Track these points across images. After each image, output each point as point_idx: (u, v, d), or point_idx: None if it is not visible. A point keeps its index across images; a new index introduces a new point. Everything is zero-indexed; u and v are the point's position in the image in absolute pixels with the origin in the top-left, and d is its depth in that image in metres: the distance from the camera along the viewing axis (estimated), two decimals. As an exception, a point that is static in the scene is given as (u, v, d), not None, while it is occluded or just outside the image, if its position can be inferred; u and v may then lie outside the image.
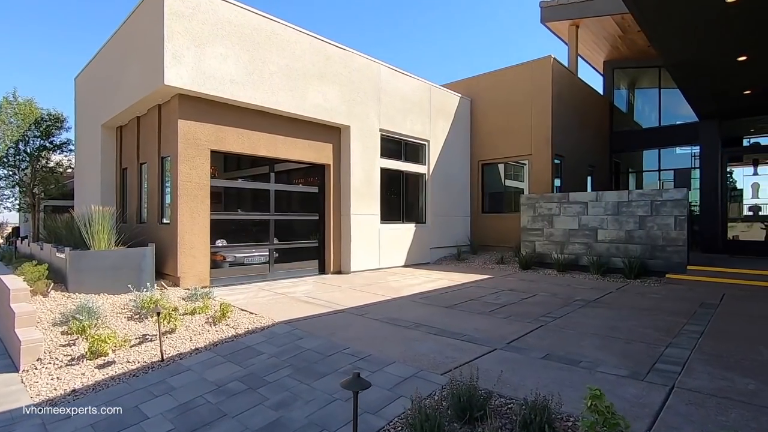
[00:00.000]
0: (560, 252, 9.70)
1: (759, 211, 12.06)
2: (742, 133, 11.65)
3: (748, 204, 12.11)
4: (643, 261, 8.45)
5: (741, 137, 11.68)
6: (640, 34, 12.49)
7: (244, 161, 8.30)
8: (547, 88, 11.33)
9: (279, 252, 8.49)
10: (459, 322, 5.11)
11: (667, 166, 15.58)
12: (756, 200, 12.04)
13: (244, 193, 8.29)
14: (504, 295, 6.77)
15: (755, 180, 12.15)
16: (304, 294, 6.88)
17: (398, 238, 10.43)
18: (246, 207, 8.41)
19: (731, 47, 6.19)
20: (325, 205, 9.30)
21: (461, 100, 12.53)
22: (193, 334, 4.76)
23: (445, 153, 11.93)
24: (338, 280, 8.33)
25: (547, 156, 11.37)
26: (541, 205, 10.07)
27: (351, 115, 9.24)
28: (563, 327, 4.86)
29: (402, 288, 7.49)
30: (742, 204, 12.01)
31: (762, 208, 12.05)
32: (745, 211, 12.07)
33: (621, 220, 8.90)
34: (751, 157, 11.64)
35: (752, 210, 12.08)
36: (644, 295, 6.80)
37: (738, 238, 11.16)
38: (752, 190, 12.25)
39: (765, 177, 12.29)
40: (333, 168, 9.28)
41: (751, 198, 12.12)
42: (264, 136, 7.98)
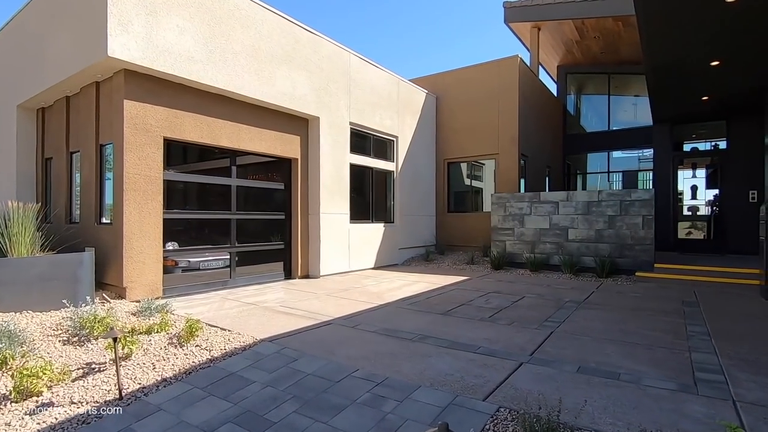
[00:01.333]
0: (531, 251, 9.67)
1: (697, 211, 13.04)
2: (684, 138, 12.44)
3: (688, 205, 13.04)
4: (613, 260, 8.60)
5: (683, 142, 12.48)
6: (596, 41, 12.96)
7: (201, 153, 7.26)
8: (514, 88, 11.33)
9: (240, 255, 7.56)
10: (464, 331, 4.66)
11: (612, 169, 16.44)
12: (694, 201, 13.00)
13: (201, 189, 7.26)
14: (492, 299, 6.45)
15: (694, 182, 13.12)
16: (277, 303, 6.08)
17: (368, 239, 9.85)
18: (203, 204, 7.38)
19: (709, 51, 6.34)
20: (292, 204, 8.48)
21: (427, 96, 12.21)
22: (155, 359, 3.86)
23: (413, 150, 11.53)
24: (310, 286, 7.58)
25: (514, 156, 11.36)
26: (512, 204, 9.99)
27: (321, 105, 8.51)
28: (574, 333, 4.58)
29: (383, 293, 6.93)
30: (683, 205, 12.88)
31: (699, 209, 13.05)
32: (685, 211, 12.97)
33: (591, 220, 9.02)
34: (691, 160, 12.47)
35: (691, 210, 13.02)
36: (625, 295, 6.82)
37: (684, 236, 11.88)
38: (691, 192, 13.22)
39: (701, 179, 13.36)
40: (301, 163, 8.48)
41: (690, 199, 13.06)
42: (226, 124, 7.03)
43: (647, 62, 6.82)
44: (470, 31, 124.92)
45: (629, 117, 15.50)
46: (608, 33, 12.29)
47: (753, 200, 9.92)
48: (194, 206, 7.23)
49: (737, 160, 10.15)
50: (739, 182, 10.10)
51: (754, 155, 9.90)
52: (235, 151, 7.40)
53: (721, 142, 11.67)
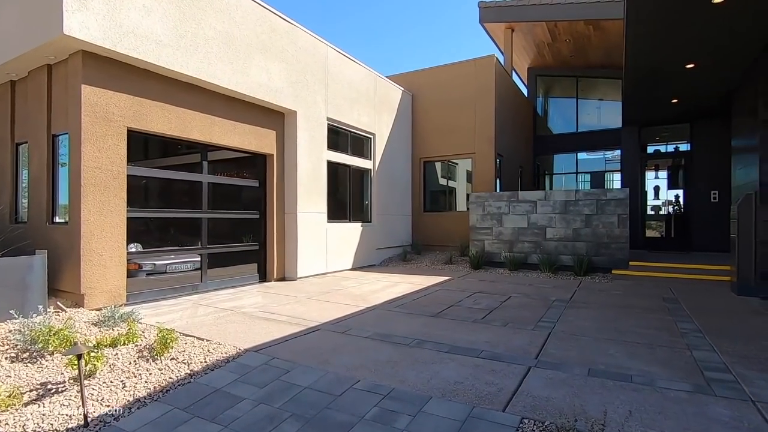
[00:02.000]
0: (510, 251, 9.67)
1: (659, 210, 13.62)
2: (648, 141, 12.91)
3: (651, 204, 13.58)
4: (590, 258, 8.72)
5: (647, 144, 12.96)
6: (566, 44, 13.23)
7: (169, 146, 6.68)
8: (491, 88, 11.34)
9: (212, 257, 7.03)
10: (461, 335, 4.46)
11: (580, 170, 16.92)
12: (656, 201, 13.56)
13: (169, 185, 6.68)
14: (480, 299, 6.32)
15: (656, 183, 13.68)
16: (256, 308, 5.65)
17: (346, 239, 9.51)
18: (172, 203, 6.80)
19: (688, 53, 6.49)
20: (267, 202, 8.02)
21: (403, 94, 12.02)
22: (124, 376, 3.39)
23: (390, 148, 11.30)
24: (288, 289, 7.17)
25: (490, 155, 11.37)
26: (490, 203, 9.96)
27: (298, 99, 8.10)
28: (572, 333, 4.48)
29: (366, 295, 6.64)
30: (648, 205, 13.39)
31: (661, 209, 13.63)
32: (648, 210, 13.50)
33: (569, 219, 9.12)
34: (655, 162, 12.97)
35: (654, 210, 13.57)
36: (607, 293, 6.88)
37: (651, 235, 12.32)
38: (654, 192, 13.78)
39: (663, 180, 13.98)
40: (276, 159, 8.04)
41: (653, 199, 13.61)
42: (198, 116, 6.50)
43: (629, 62, 6.91)
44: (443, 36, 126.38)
45: (593, 120, 15.98)
46: (579, 36, 12.57)
47: (715, 200, 10.39)
48: (161, 204, 6.65)
49: (700, 161, 10.61)
50: (702, 183, 10.57)
51: (716, 157, 10.38)
52: (206, 145, 6.88)
53: (682, 144, 12.21)
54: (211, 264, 7.01)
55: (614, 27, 11.50)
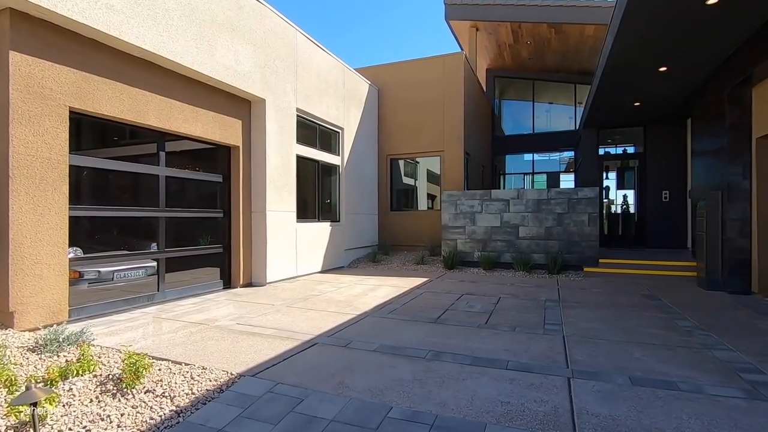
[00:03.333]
0: (483, 249, 9.57)
1: (615, 209, 14.36)
2: (601, 143, 13.53)
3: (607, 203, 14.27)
4: (562, 256, 8.82)
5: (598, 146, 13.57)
6: (527, 46, 13.49)
7: (121, 133, 5.69)
8: (460, 85, 11.21)
9: (170, 262, 6.13)
10: (474, 343, 4.10)
11: (523, 170, 17.46)
12: (606, 200, 14.28)
13: (120, 179, 5.68)
14: (472, 302, 6.04)
15: (606, 183, 14.40)
16: (232, 320, 4.92)
17: (315, 240, 8.87)
18: (123, 199, 5.80)
19: (667, 56, 6.66)
20: (232, 200, 7.20)
21: (370, 88, 11.55)
22: (87, 420, 2.63)
23: (358, 144, 10.79)
24: (260, 296, 6.44)
25: (459, 153, 11.24)
26: (463, 202, 9.79)
27: (267, 86, 7.35)
28: (586, 336, 4.30)
29: (350, 301, 6.11)
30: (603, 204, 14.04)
31: (617, 208, 14.39)
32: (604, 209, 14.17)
33: (541, 218, 9.17)
34: (610, 163, 13.61)
35: (609, 209, 14.27)
36: (589, 291, 6.91)
37: (608, 233, 12.87)
38: (605, 192, 14.50)
39: (612, 181, 14.77)
40: (243, 152, 7.24)
41: (604, 198, 14.32)
42: (155, 98, 5.60)
43: (608, 62, 6.98)
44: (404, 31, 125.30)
45: (545, 122, 16.54)
46: (540, 39, 12.85)
47: (666, 200, 11.03)
48: (111, 201, 5.65)
49: (653, 163, 11.22)
50: (654, 184, 11.17)
51: (666, 159, 11.01)
52: (164, 133, 5.96)
53: (630, 147, 12.90)
54: (169, 270, 6.10)
55: (575, 31, 11.86)
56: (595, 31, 11.53)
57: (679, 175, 10.85)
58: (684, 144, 10.78)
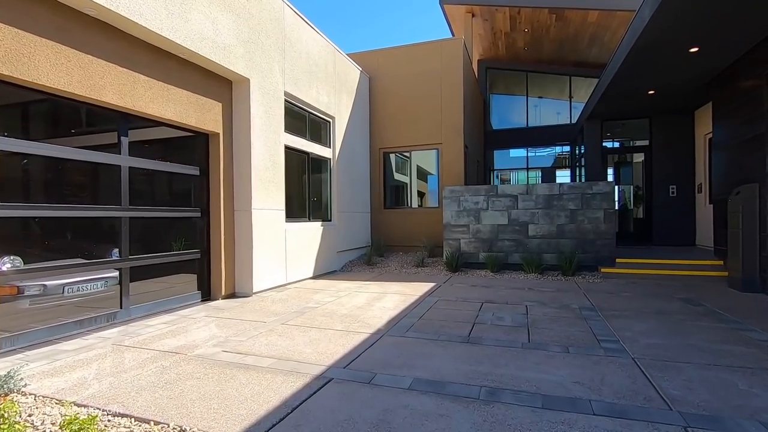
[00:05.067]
0: (489, 250, 8.80)
1: (619, 205, 13.87)
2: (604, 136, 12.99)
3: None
4: (576, 256, 8.13)
5: (602, 139, 13.05)
6: (523, 35, 12.83)
7: (70, 113, 4.58)
8: (459, 72, 10.41)
9: (135, 272, 5.05)
10: (529, 371, 3.26)
11: (513, 166, 16.89)
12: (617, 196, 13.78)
13: (68, 171, 4.57)
14: (497, 313, 5.22)
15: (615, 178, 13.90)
16: (217, 346, 3.92)
17: (306, 242, 7.88)
18: (73, 196, 4.68)
19: (700, 32, 6.02)
20: (212, 196, 6.15)
21: (361, 75, 10.61)
22: None
23: (350, 136, 9.83)
24: (246, 310, 5.42)
25: (459, 146, 10.44)
26: (466, 198, 8.99)
27: (252, 64, 6.32)
28: (658, 358, 3.52)
29: (356, 314, 5.18)
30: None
31: (622, 203, 13.91)
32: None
33: (552, 214, 8.47)
34: (614, 157, 13.05)
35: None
36: (617, 295, 6.21)
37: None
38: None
39: (609, 176, 14.31)
40: (224, 140, 6.19)
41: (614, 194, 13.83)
42: (114, 70, 4.51)
43: (637, 42, 6.29)
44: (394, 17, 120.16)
45: (536, 116, 15.97)
46: (539, 26, 12.20)
47: (673, 195, 10.55)
48: (57, 198, 4.52)
49: (659, 156, 10.72)
50: (661, 178, 10.68)
51: (674, 152, 10.53)
52: (127, 115, 4.87)
53: (634, 141, 12.40)
54: (136, 279, 5.02)
55: (577, 18, 11.25)
56: (598, 17, 10.95)
57: (686, 170, 10.38)
58: (692, 136, 10.31)
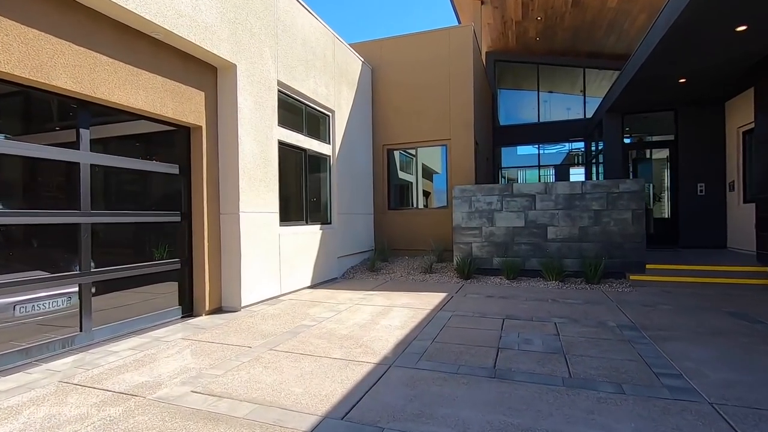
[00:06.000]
0: (503, 254, 8.03)
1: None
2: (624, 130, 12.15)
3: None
4: (603, 261, 7.34)
5: (623, 134, 12.21)
6: (536, 23, 12.04)
7: (15, 102, 3.86)
8: (469, 62, 9.64)
9: (100, 286, 4.33)
10: (582, 425, 2.51)
11: (523, 163, 16.09)
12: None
13: (16, 169, 3.86)
14: (521, 331, 4.46)
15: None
16: (186, 384, 3.18)
17: (303, 247, 7.14)
18: (23, 199, 3.97)
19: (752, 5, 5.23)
20: (194, 198, 5.41)
21: (363, 66, 9.86)
22: None
23: (351, 131, 9.09)
24: (231, 330, 4.68)
25: (468, 141, 9.68)
26: (479, 198, 8.23)
27: (238, 47, 5.58)
28: (751, 405, 2.75)
29: (358, 335, 4.43)
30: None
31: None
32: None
33: (574, 216, 7.69)
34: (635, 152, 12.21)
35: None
36: (656, 309, 5.44)
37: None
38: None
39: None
40: (207, 134, 5.46)
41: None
42: (68, 49, 3.78)
43: (681, 18, 5.51)
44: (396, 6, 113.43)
45: (547, 111, 15.18)
46: (553, 14, 11.41)
47: (701, 193, 9.75)
48: (9, 202, 3.79)
49: (686, 152, 9.92)
50: (688, 175, 9.88)
51: (702, 147, 9.72)
52: (86, 103, 4.14)
53: (643, 135, 11.58)
54: (105, 291, 4.29)
55: (595, 2, 10.46)
56: (619, 2, 10.15)
57: (716, 166, 9.58)
58: (722, 130, 9.51)
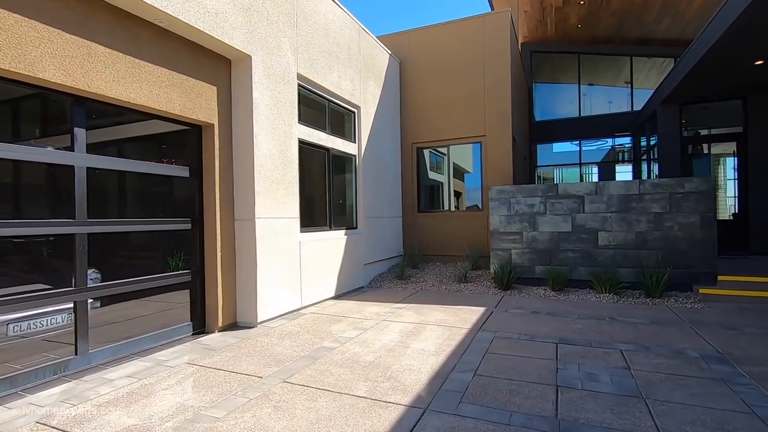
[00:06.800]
0: (547, 262, 7.21)
1: None
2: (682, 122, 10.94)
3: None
4: (668, 271, 6.41)
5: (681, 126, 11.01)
6: (577, 8, 11.07)
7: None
8: (506, 51, 8.84)
9: (104, 297, 3.89)
10: None
11: (563, 161, 14.99)
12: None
13: (18, 178, 3.47)
14: (581, 362, 3.70)
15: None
16: (178, 428, 2.64)
17: (326, 255, 6.58)
18: (8, 207, 3.58)
19: None
20: (205, 203, 4.94)
21: (391, 59, 9.23)
22: None
23: (377, 129, 8.48)
24: (242, 352, 4.16)
25: (506, 138, 8.87)
26: (519, 200, 7.44)
27: (253, 36, 5.07)
28: None
29: (385, 363, 3.80)
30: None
31: None
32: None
33: (630, 219, 6.79)
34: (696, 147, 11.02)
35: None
36: (740, 332, 4.53)
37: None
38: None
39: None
40: (219, 133, 4.97)
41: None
42: (57, 37, 3.34)
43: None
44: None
45: (588, 104, 14.06)
46: (598, -3, 10.42)
47: (777, 192, 8.55)
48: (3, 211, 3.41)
49: (757, 146, 8.74)
50: (761, 171, 8.70)
51: (777, 140, 8.54)
52: (81, 99, 3.70)
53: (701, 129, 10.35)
54: (101, 313, 3.86)
55: (648, -19, 9.41)
56: (676, -21, 9.08)
57: (795, 161, 8.37)
58: (802, 119, 8.30)
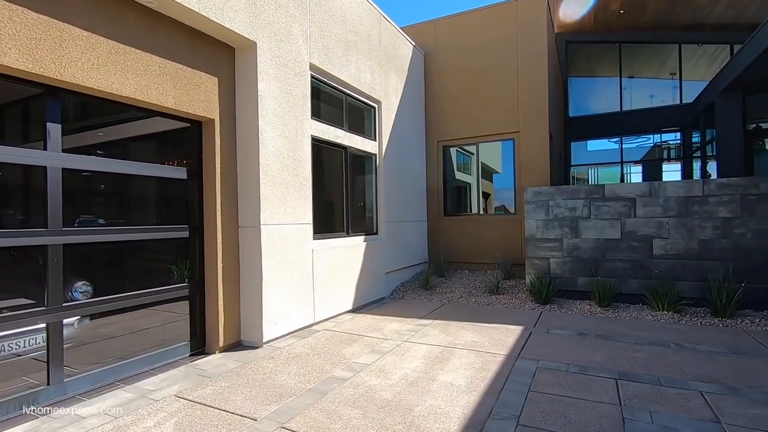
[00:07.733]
0: (592, 273, 6.37)
1: None
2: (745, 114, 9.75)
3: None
4: (735, 286, 5.48)
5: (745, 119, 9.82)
6: (621, -7, 10.07)
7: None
8: (542, 38, 8.03)
9: (81, 321, 3.41)
10: None
11: (601, 160, 13.89)
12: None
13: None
14: (654, 411, 2.93)
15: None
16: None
17: (343, 264, 5.98)
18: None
19: None
20: (206, 208, 4.42)
21: (414, 51, 8.57)
22: None
23: (400, 125, 7.83)
24: (242, 381, 3.58)
25: (542, 134, 8.06)
26: (558, 203, 6.63)
27: (258, 19, 4.52)
28: None
29: (408, 406, 3.14)
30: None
31: None
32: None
33: (691, 225, 5.87)
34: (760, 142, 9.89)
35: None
36: None
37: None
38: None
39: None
40: (221, 130, 4.44)
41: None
42: (19, 14, 2.85)
43: None
44: None
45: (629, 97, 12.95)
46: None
47: None
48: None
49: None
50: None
51: None
52: (53, 89, 3.22)
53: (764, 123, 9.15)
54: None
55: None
56: (738, -48, 8.02)
57: None
58: None
